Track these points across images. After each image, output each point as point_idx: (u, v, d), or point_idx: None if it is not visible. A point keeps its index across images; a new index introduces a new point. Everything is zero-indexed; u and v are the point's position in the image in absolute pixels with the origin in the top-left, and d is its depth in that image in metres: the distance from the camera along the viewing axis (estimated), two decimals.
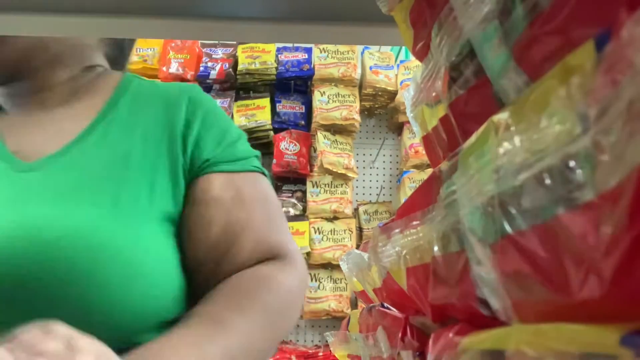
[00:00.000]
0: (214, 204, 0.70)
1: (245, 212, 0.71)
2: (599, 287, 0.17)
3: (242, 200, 0.72)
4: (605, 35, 0.18)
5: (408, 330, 0.44)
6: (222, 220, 0.70)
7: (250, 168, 0.75)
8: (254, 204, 0.72)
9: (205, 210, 0.70)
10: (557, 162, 0.19)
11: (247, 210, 0.71)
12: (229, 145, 0.75)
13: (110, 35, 0.83)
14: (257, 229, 0.71)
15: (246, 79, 2.50)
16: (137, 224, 0.64)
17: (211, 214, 0.69)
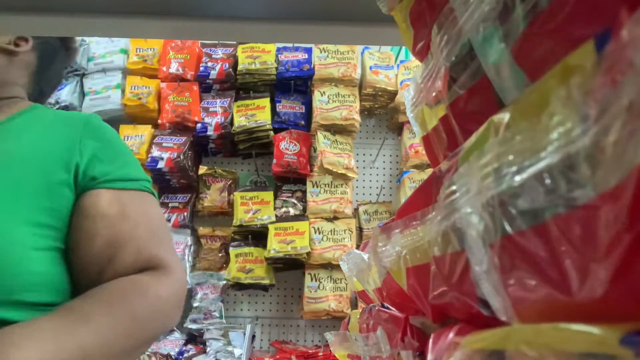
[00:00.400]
0: (100, 219, 0.77)
1: (129, 227, 0.78)
2: (599, 287, 0.17)
3: (127, 216, 0.78)
4: (605, 35, 0.18)
5: (408, 330, 0.44)
6: (106, 234, 0.76)
7: (138, 187, 0.83)
8: (138, 220, 0.79)
9: (92, 223, 0.76)
10: (557, 162, 0.19)
11: (130, 225, 0.78)
12: (121, 166, 0.83)
13: (110, 36, 0.83)
14: (139, 241, 0.77)
15: (246, 79, 2.50)
16: (3, 212, 0.71)
17: (97, 228, 0.76)
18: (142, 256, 0.76)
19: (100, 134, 0.84)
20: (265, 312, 2.49)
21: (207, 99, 2.52)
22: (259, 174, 2.57)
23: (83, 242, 0.76)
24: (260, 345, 2.45)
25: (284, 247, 2.28)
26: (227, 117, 2.46)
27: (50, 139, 0.80)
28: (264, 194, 2.42)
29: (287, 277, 2.50)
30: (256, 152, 2.53)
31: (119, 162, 0.83)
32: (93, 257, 0.75)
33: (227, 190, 2.45)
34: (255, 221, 2.36)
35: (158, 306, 0.74)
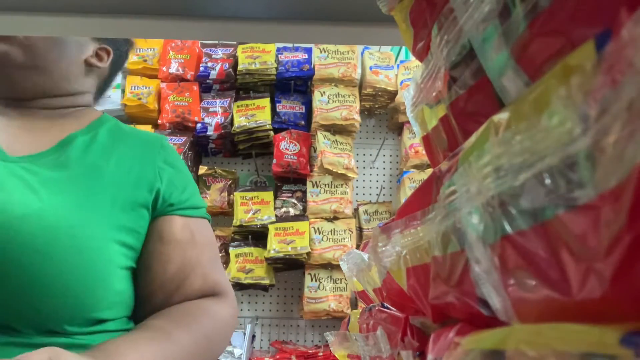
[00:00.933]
0: (174, 244, 0.83)
1: (196, 253, 0.85)
2: (599, 287, 0.17)
3: (195, 243, 0.86)
4: (605, 35, 0.18)
5: (408, 330, 0.44)
6: (178, 259, 0.83)
7: (203, 214, 0.90)
8: (204, 246, 0.87)
9: (166, 248, 0.83)
10: (557, 162, 0.19)
11: (198, 251, 0.85)
12: (191, 194, 0.89)
13: (110, 36, 0.84)
14: (204, 268, 0.85)
15: (246, 79, 2.50)
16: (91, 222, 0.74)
17: (170, 253, 0.83)
18: (207, 283, 0.84)
19: (174, 159, 0.90)
20: (265, 312, 2.49)
21: (207, 99, 2.52)
22: (259, 174, 2.57)
23: (156, 266, 0.82)
24: (260, 345, 2.45)
25: (284, 247, 2.28)
26: (227, 117, 2.45)
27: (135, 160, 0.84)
28: (264, 194, 2.42)
29: (287, 277, 2.50)
30: (256, 152, 2.53)
31: (189, 189, 0.89)
32: (165, 281, 0.82)
33: (227, 190, 2.45)
34: (255, 221, 2.36)
35: (223, 327, 0.83)
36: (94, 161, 0.81)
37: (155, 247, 0.82)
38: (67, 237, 0.71)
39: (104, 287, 0.74)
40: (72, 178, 0.77)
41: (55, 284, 0.70)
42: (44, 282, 0.69)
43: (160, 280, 0.81)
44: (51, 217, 0.71)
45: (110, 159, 0.82)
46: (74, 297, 0.71)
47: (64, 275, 0.70)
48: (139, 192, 0.82)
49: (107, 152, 0.83)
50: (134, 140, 0.88)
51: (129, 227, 0.79)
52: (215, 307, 0.82)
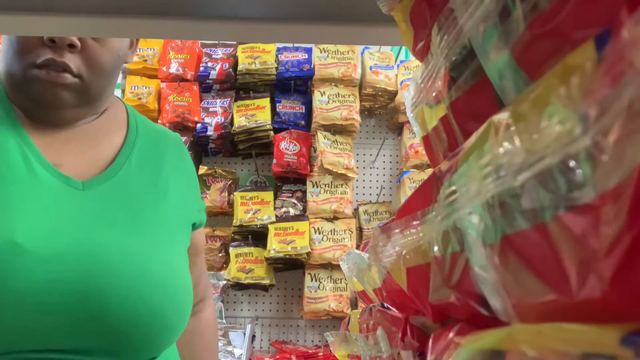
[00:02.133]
0: (201, 252, 0.98)
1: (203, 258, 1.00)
2: (599, 287, 0.17)
3: (203, 249, 1.00)
4: (605, 35, 0.18)
5: (408, 330, 0.44)
6: (200, 264, 0.98)
7: None
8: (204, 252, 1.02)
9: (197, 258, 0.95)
10: (557, 162, 0.19)
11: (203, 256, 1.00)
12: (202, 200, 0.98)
13: (110, 36, 0.83)
14: (204, 271, 1.01)
15: (246, 79, 2.50)
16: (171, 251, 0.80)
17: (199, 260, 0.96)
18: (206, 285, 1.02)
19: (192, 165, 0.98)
20: (265, 312, 2.49)
21: (207, 99, 2.52)
22: (259, 174, 2.57)
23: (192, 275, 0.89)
24: (260, 345, 2.45)
25: (284, 247, 2.28)
26: (227, 117, 2.45)
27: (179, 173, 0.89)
28: (264, 194, 2.42)
29: (287, 277, 2.50)
30: (256, 152, 2.53)
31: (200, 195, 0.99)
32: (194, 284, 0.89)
33: (227, 190, 2.45)
34: (255, 221, 2.36)
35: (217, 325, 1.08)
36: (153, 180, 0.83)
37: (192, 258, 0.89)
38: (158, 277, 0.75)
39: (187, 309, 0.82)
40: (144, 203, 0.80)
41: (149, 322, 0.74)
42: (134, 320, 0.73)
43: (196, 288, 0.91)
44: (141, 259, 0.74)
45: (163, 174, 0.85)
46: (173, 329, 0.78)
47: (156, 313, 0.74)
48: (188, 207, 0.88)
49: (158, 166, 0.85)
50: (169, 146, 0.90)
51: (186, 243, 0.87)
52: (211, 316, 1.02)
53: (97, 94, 0.83)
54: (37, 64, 0.76)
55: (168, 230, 0.80)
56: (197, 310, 0.96)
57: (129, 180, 0.80)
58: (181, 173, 0.89)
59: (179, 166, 0.89)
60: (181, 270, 0.81)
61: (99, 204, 0.75)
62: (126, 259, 0.72)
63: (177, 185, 0.85)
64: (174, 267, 0.79)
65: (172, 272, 0.78)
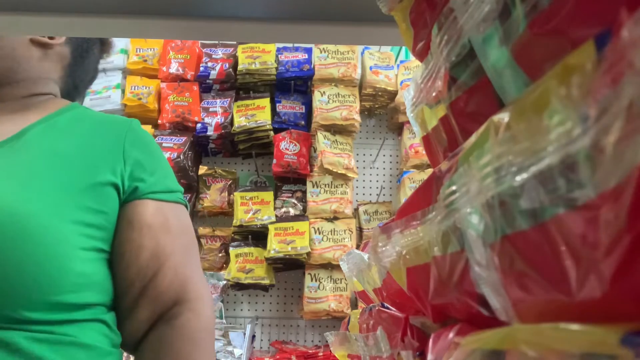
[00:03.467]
0: (146, 230, 0.79)
1: (170, 240, 0.81)
2: (599, 287, 0.17)
3: (168, 228, 0.82)
4: (605, 35, 0.18)
5: (408, 330, 0.44)
6: (151, 246, 0.79)
7: (177, 199, 0.86)
8: (177, 232, 0.83)
9: (138, 235, 0.79)
10: (557, 162, 0.19)
11: (171, 237, 0.81)
12: (163, 176, 0.85)
13: (110, 36, 0.83)
14: (177, 259, 0.81)
15: (246, 79, 2.50)
16: (37, 202, 0.71)
17: (142, 239, 0.79)
18: (178, 278, 0.80)
19: (143, 142, 0.86)
20: (265, 312, 2.49)
21: (207, 99, 2.52)
22: (259, 174, 2.57)
23: (128, 253, 0.78)
24: (260, 345, 2.45)
25: (284, 247, 2.28)
26: (227, 117, 2.45)
27: (95, 141, 0.81)
28: (264, 194, 2.42)
29: (287, 277, 2.50)
30: (256, 152, 2.53)
31: (161, 172, 0.85)
32: (138, 269, 0.78)
33: (227, 190, 2.45)
34: (255, 221, 2.36)
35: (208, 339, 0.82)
36: (50, 144, 0.78)
37: (126, 233, 0.79)
38: (11, 219, 0.68)
39: (58, 267, 0.70)
40: (22, 162, 0.74)
41: (3, 266, 0.66)
42: None
43: (135, 267, 0.78)
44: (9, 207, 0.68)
45: (69, 141, 0.79)
46: (25, 277, 0.67)
47: (12, 257, 0.67)
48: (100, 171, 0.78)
49: (65, 135, 0.80)
50: (98, 123, 0.85)
51: (89, 207, 0.75)
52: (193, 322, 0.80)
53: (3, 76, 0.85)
54: None
55: (41, 183, 0.73)
56: (171, 316, 0.79)
57: (20, 145, 0.77)
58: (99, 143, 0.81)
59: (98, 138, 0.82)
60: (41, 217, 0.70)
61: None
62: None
63: (83, 151, 0.79)
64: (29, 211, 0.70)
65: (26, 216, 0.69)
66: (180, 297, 0.80)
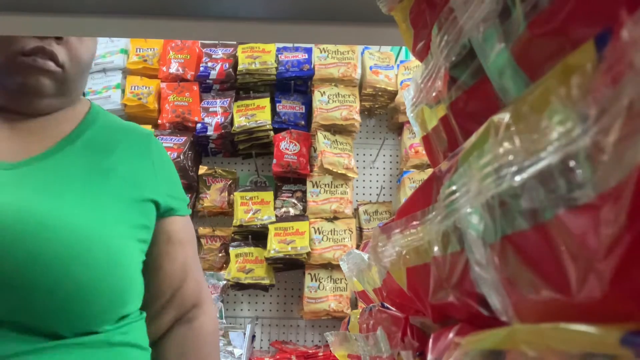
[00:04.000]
0: (179, 244, 0.89)
1: (192, 252, 0.93)
2: (599, 287, 0.17)
3: (189, 241, 0.93)
4: (605, 35, 0.18)
5: (408, 330, 0.44)
6: (181, 258, 0.90)
7: (189, 212, 0.95)
8: (192, 245, 0.94)
9: (173, 249, 0.89)
10: (557, 162, 0.19)
11: (191, 250, 0.93)
12: (181, 190, 0.94)
13: (110, 36, 0.84)
14: (195, 268, 0.93)
15: (246, 79, 2.50)
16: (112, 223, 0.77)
17: (177, 253, 0.89)
18: (197, 285, 0.92)
19: (165, 157, 0.94)
20: (265, 312, 2.49)
21: (207, 99, 2.52)
22: (259, 174, 2.57)
23: (165, 265, 0.88)
24: (260, 345, 2.45)
25: (284, 247, 2.28)
26: (227, 117, 2.45)
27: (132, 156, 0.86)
28: (264, 194, 2.42)
29: (287, 277, 2.50)
30: (256, 152, 2.53)
31: (180, 186, 0.94)
32: (172, 279, 0.88)
33: (227, 190, 2.45)
34: (255, 221, 2.36)
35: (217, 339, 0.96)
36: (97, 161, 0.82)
37: (165, 247, 0.87)
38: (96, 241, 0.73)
39: (130, 284, 0.77)
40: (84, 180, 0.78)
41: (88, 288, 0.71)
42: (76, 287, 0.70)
43: (170, 278, 0.87)
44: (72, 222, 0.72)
45: (111, 157, 0.83)
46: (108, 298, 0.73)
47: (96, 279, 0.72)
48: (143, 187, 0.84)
49: (107, 151, 0.84)
50: (128, 136, 0.89)
51: (140, 223, 0.82)
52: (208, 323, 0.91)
53: (73, 87, 0.88)
54: (24, 52, 0.81)
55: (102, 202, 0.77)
56: (191, 318, 0.89)
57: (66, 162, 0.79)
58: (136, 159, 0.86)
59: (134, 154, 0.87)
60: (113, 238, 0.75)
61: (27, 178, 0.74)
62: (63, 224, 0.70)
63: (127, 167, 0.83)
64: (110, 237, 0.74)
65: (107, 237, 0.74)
66: (197, 301, 0.90)
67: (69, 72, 0.85)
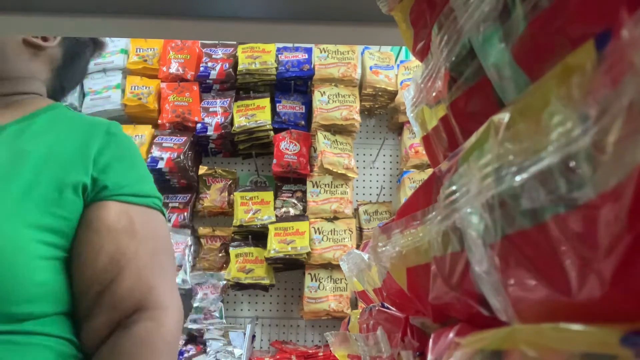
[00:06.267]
0: (107, 232, 0.75)
1: (134, 244, 0.76)
2: (599, 287, 0.17)
3: (134, 232, 0.76)
4: (605, 35, 0.18)
5: (408, 330, 0.44)
6: (111, 249, 0.74)
7: (149, 203, 0.81)
8: (144, 237, 0.77)
9: (97, 237, 0.74)
10: (557, 162, 0.19)
11: (136, 242, 0.76)
12: (136, 180, 0.80)
13: (110, 36, 0.84)
14: (140, 264, 0.75)
15: (246, 79, 2.50)
16: (12, 215, 0.69)
17: (102, 241, 0.74)
18: (141, 284, 0.75)
19: (119, 144, 0.82)
20: (265, 312, 2.49)
21: (207, 99, 2.52)
22: (259, 174, 2.57)
23: (87, 256, 0.74)
24: (260, 345, 2.45)
25: (284, 247, 2.28)
26: (227, 117, 2.45)
27: (69, 143, 0.78)
28: (264, 194, 2.42)
29: (287, 277, 2.50)
30: (256, 152, 2.53)
31: (133, 175, 0.81)
32: (96, 273, 0.74)
33: (227, 190, 2.45)
34: (255, 221, 2.36)
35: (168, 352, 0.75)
36: (21, 147, 0.75)
37: (85, 234, 0.74)
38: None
39: (17, 278, 0.67)
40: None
41: None
42: None
43: (93, 270, 0.74)
44: None
45: (39, 144, 0.77)
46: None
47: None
48: (68, 174, 0.75)
49: (38, 137, 0.78)
50: (74, 125, 0.82)
51: (53, 213, 0.72)
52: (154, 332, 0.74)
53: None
54: None
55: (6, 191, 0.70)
56: (129, 323, 0.73)
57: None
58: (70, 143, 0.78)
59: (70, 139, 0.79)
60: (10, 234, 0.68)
61: None
62: None
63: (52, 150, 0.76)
64: None
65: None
66: (141, 305, 0.75)
67: None
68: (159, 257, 0.80)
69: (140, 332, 0.73)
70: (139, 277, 0.75)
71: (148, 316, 0.74)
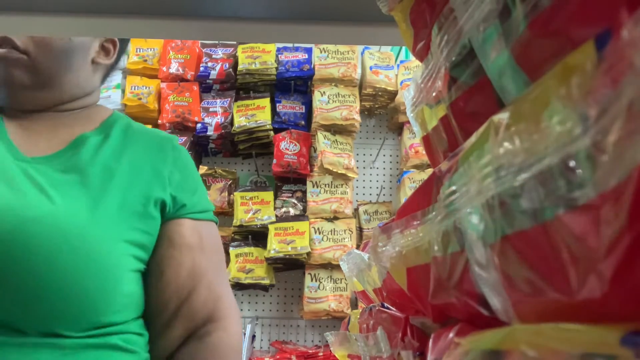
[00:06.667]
0: (185, 249, 0.82)
1: (205, 259, 0.84)
2: (599, 287, 0.17)
3: (204, 247, 0.84)
4: (605, 35, 0.18)
5: (408, 330, 0.44)
6: (189, 265, 0.82)
7: (211, 217, 0.89)
8: (211, 251, 0.86)
9: (179, 253, 0.82)
10: (557, 162, 0.19)
11: (206, 256, 0.84)
12: (200, 196, 0.88)
13: (110, 36, 0.84)
14: (211, 276, 0.84)
15: (246, 79, 2.50)
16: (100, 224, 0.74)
17: (182, 258, 0.82)
18: (211, 296, 0.83)
19: (185, 161, 0.89)
20: (265, 312, 2.49)
21: (207, 99, 2.52)
22: (259, 174, 2.57)
23: (168, 270, 0.81)
24: (260, 345, 2.45)
25: (284, 247, 2.28)
26: (227, 117, 2.45)
27: (145, 159, 0.83)
28: (264, 194, 2.42)
29: (287, 277, 2.50)
30: (256, 152, 2.53)
31: (199, 191, 0.88)
32: (177, 287, 0.81)
33: (227, 190, 2.45)
34: (256, 221, 2.36)
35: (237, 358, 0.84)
36: (105, 162, 0.80)
37: (167, 251, 0.81)
38: (77, 241, 0.71)
39: (113, 290, 0.73)
40: (83, 180, 0.76)
41: (62, 288, 0.69)
42: (50, 285, 0.69)
43: (175, 285, 0.81)
44: (62, 220, 0.71)
45: (122, 160, 0.81)
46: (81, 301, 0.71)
47: (70, 280, 0.70)
48: (150, 192, 0.80)
49: (118, 153, 0.82)
50: (146, 141, 0.87)
51: (139, 229, 0.78)
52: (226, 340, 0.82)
53: (49, 76, 0.84)
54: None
55: (104, 206, 0.76)
56: (203, 334, 0.80)
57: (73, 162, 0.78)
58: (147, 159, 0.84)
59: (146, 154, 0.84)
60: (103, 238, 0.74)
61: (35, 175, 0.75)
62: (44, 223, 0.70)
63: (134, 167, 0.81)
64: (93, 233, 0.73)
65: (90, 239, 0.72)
66: (212, 315, 0.81)
67: (38, 59, 0.82)
68: (222, 268, 0.89)
69: (215, 342, 0.80)
70: (210, 290, 0.83)
71: (219, 326, 0.81)
